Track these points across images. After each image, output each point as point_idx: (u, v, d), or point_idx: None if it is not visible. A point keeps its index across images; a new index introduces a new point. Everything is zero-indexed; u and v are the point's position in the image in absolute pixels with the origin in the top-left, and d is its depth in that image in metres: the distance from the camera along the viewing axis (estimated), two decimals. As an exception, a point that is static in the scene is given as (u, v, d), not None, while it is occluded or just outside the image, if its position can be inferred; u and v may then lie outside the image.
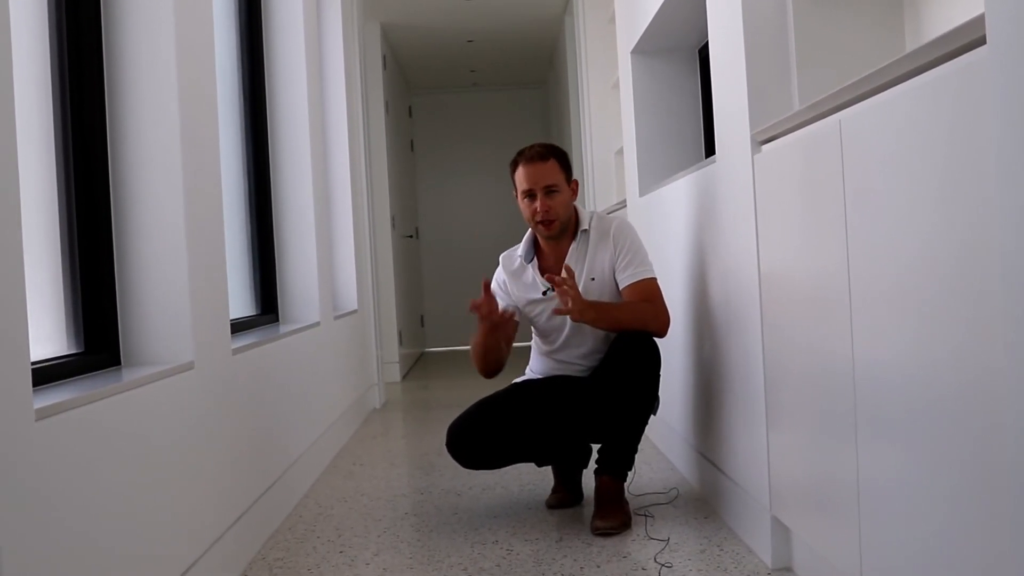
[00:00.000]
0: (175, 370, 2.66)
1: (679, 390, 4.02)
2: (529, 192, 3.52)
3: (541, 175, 3.50)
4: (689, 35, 4.57)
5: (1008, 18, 1.32)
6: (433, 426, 5.72)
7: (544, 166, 3.51)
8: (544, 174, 3.50)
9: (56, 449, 1.95)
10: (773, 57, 2.89)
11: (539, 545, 3.21)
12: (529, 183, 3.51)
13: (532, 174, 3.51)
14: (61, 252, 2.58)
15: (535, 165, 3.51)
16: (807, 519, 2.57)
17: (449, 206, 11.42)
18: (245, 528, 3.17)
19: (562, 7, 8.25)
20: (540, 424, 3.53)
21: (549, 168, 3.51)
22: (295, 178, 4.84)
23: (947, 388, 1.69)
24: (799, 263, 2.52)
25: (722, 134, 3.23)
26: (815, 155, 2.33)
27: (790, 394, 2.64)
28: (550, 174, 3.51)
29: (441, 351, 11.11)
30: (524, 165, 3.53)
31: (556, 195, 3.50)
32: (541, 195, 3.49)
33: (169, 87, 2.78)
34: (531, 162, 3.52)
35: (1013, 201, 1.33)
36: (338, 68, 6.34)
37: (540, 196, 3.49)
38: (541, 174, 3.50)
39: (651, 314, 3.42)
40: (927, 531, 1.80)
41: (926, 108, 1.73)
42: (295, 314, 4.84)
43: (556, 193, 3.50)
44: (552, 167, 3.52)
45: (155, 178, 2.77)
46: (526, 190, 3.52)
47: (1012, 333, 1.36)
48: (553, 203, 3.49)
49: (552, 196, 3.50)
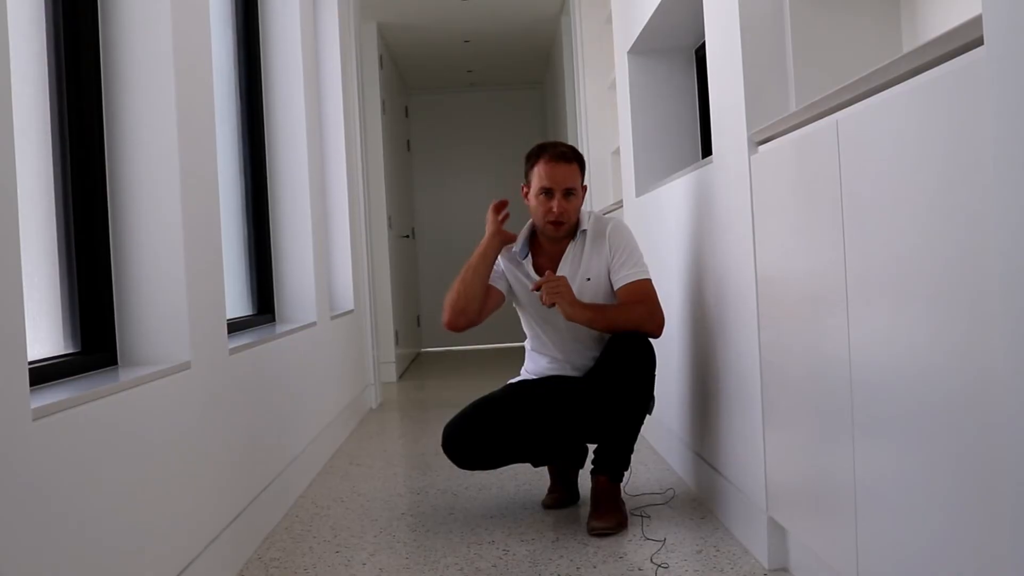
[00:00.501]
0: (172, 370, 2.66)
1: (675, 390, 4.02)
2: (548, 190, 3.50)
3: (564, 176, 3.49)
4: (686, 35, 4.57)
5: (1006, 19, 1.33)
6: (430, 426, 5.72)
7: (569, 168, 3.50)
8: (567, 176, 3.49)
9: (53, 449, 1.95)
10: (770, 57, 2.90)
11: (535, 545, 3.21)
12: (551, 182, 3.49)
13: (555, 174, 3.49)
14: (58, 252, 2.57)
15: (560, 165, 3.50)
16: (803, 519, 2.57)
17: (445, 206, 11.41)
18: (242, 528, 3.17)
19: (559, 7, 8.25)
20: (536, 424, 3.53)
21: (572, 171, 3.50)
22: (292, 178, 4.84)
23: (944, 389, 1.69)
24: (795, 263, 2.52)
25: (719, 135, 3.23)
26: (812, 156, 2.33)
27: (786, 395, 2.65)
28: (572, 177, 3.50)
29: (437, 351, 11.11)
30: (548, 163, 3.50)
31: (573, 199, 3.50)
32: (560, 196, 3.48)
33: (166, 87, 2.78)
34: (556, 161, 3.50)
35: (1010, 202, 1.33)
36: (334, 68, 6.33)
37: (558, 197, 3.48)
38: (565, 175, 3.49)
39: (646, 315, 3.42)
40: (923, 532, 1.80)
41: (923, 109, 1.73)
42: (292, 314, 4.84)
43: (574, 197, 3.50)
44: (574, 170, 3.51)
45: (152, 178, 2.77)
46: (546, 187, 3.49)
47: (1009, 333, 1.36)
48: (569, 206, 3.49)
49: (570, 199, 3.49)
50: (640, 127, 4.87)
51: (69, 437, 2.02)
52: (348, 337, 6.01)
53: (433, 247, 11.28)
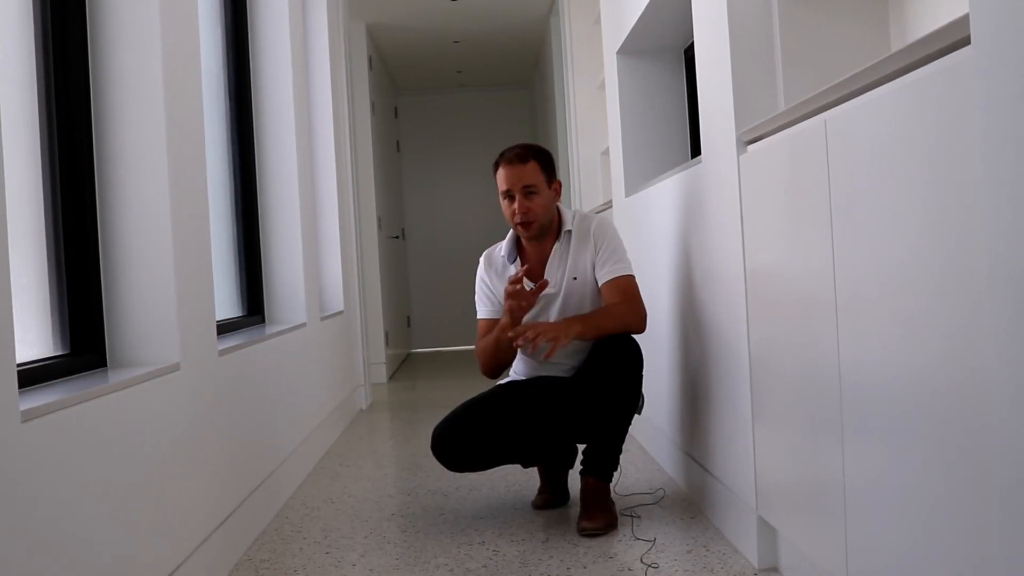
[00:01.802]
0: (161, 371, 2.65)
1: (665, 390, 4.03)
2: (508, 193, 3.53)
3: (520, 176, 3.51)
4: (674, 35, 4.57)
5: (993, 18, 1.33)
6: (420, 427, 5.71)
7: (523, 168, 3.52)
8: (523, 175, 3.51)
9: (42, 451, 1.94)
10: (758, 57, 2.90)
11: (525, 546, 3.21)
12: (508, 184, 3.52)
13: (511, 175, 3.52)
14: (47, 254, 2.57)
15: (514, 166, 3.52)
16: (793, 519, 2.58)
17: (435, 207, 11.41)
18: (232, 529, 3.16)
19: (548, 8, 8.26)
20: (525, 425, 3.53)
21: (528, 169, 3.52)
22: (281, 179, 4.84)
23: (934, 389, 1.69)
24: (785, 263, 2.53)
25: (708, 134, 3.23)
26: (800, 155, 2.33)
27: (776, 394, 2.65)
28: (529, 175, 3.51)
29: (427, 352, 11.10)
30: (504, 166, 3.55)
31: (535, 196, 3.51)
32: (520, 196, 3.50)
33: (155, 87, 2.78)
34: (510, 163, 3.53)
35: (999, 200, 1.33)
36: (324, 69, 6.33)
37: (519, 197, 3.50)
38: (520, 175, 3.51)
39: (629, 314, 3.43)
40: (913, 531, 1.81)
41: (911, 108, 1.73)
42: (281, 315, 4.84)
43: (535, 195, 3.51)
44: (532, 168, 3.52)
45: (141, 179, 2.77)
46: (505, 190, 3.53)
47: (999, 333, 1.36)
48: (532, 204, 3.50)
49: (531, 198, 3.50)
50: (629, 127, 4.87)
51: (59, 439, 2.02)
52: (338, 338, 6.01)
53: (423, 248, 11.28)
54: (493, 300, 3.67)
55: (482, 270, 3.72)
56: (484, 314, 3.70)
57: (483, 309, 3.70)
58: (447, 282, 10.90)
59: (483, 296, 3.70)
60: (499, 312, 3.64)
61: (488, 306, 3.68)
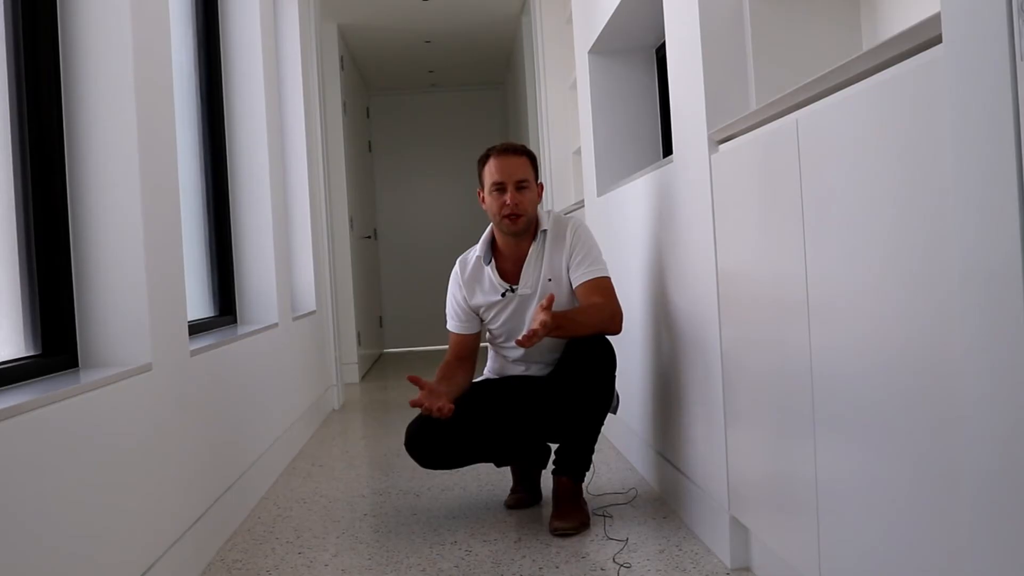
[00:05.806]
0: (133, 372, 2.64)
1: (638, 390, 4.03)
2: (500, 185, 3.50)
3: (515, 168, 3.50)
4: (646, 35, 4.58)
5: (964, 17, 1.34)
6: (392, 427, 5.70)
7: (518, 160, 3.51)
8: (517, 167, 3.50)
9: (13, 452, 1.93)
10: (730, 56, 2.91)
11: (498, 546, 3.21)
12: (501, 175, 3.50)
13: (504, 167, 3.50)
14: (18, 254, 2.55)
15: (508, 158, 3.51)
16: (766, 519, 2.59)
17: (407, 207, 11.40)
18: (203, 530, 3.15)
19: (519, 7, 8.26)
20: (498, 424, 3.53)
21: (522, 163, 3.52)
22: (253, 179, 4.82)
23: (905, 387, 1.70)
24: (757, 262, 2.54)
25: (679, 134, 3.24)
26: (772, 154, 2.34)
27: (748, 394, 2.66)
28: (522, 168, 3.51)
29: (400, 352, 11.09)
30: (496, 157, 3.53)
31: (526, 191, 3.50)
32: (512, 188, 3.48)
33: (126, 88, 2.76)
34: (504, 154, 3.52)
35: (969, 198, 1.34)
36: (295, 69, 6.31)
37: (511, 189, 3.48)
38: (515, 167, 3.50)
39: (607, 315, 3.42)
40: (885, 529, 1.82)
41: (883, 107, 1.74)
42: (253, 315, 4.82)
43: (526, 189, 3.50)
44: (524, 163, 3.52)
45: (112, 179, 2.75)
46: (497, 182, 3.50)
47: (969, 330, 1.37)
48: (523, 199, 3.49)
49: (522, 191, 3.49)
50: (601, 127, 4.88)
51: (29, 440, 2.00)
52: (310, 338, 5.99)
53: (395, 248, 11.26)
54: (461, 316, 3.65)
55: (455, 279, 3.67)
56: (452, 327, 3.68)
57: (451, 322, 3.69)
58: (419, 282, 10.89)
59: (452, 311, 3.69)
60: (466, 328, 3.65)
61: (455, 321, 3.67)
